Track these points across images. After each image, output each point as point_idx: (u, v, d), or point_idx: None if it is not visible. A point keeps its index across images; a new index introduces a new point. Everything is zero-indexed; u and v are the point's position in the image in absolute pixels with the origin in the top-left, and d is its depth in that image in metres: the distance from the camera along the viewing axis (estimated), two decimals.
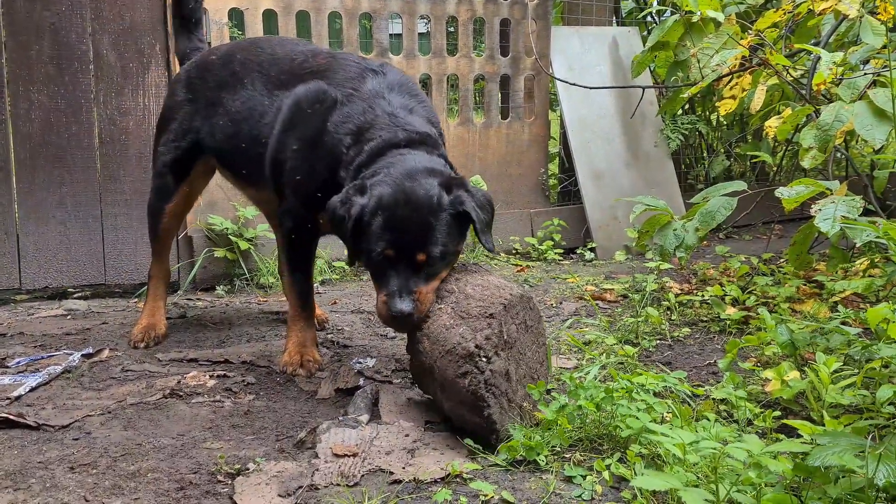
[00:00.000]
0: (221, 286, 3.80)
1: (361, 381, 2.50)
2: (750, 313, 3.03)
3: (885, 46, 3.01)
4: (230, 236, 3.77)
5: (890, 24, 3.04)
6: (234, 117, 2.71)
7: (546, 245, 4.51)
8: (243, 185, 2.94)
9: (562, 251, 4.57)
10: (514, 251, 4.57)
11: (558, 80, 4.63)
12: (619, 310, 3.32)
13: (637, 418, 1.76)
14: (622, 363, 2.55)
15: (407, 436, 2.08)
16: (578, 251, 4.62)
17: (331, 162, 2.42)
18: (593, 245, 4.56)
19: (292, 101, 2.54)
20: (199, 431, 2.15)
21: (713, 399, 2.13)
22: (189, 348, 2.88)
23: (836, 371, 1.91)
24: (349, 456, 1.95)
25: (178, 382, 2.48)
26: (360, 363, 2.68)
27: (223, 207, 3.84)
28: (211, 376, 2.56)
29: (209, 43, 3.68)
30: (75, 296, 3.68)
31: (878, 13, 3.01)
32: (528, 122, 4.67)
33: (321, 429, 2.09)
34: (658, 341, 2.92)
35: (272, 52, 2.75)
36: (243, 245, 3.76)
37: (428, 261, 2.12)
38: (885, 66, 2.85)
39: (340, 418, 2.18)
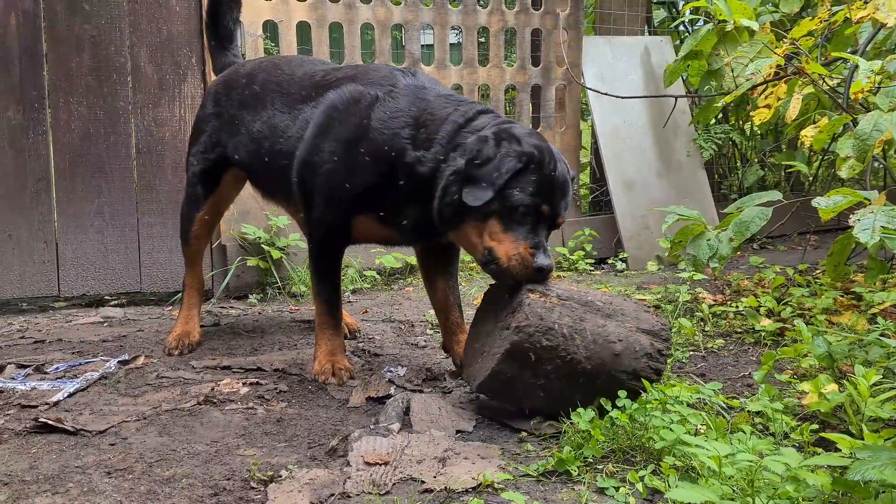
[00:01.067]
0: (254, 294, 3.84)
1: (392, 390, 2.50)
2: (785, 325, 2.98)
3: None
4: (263, 245, 3.81)
5: None
6: (255, 136, 2.74)
7: (577, 255, 4.49)
8: (270, 199, 2.99)
9: (593, 261, 4.54)
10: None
11: (590, 89, 4.62)
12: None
13: (671, 430, 1.74)
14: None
15: (438, 445, 2.07)
16: (609, 261, 4.59)
17: (382, 160, 2.39)
18: (625, 255, 4.53)
19: (326, 106, 2.53)
20: (232, 438, 2.17)
21: (749, 411, 2.10)
22: (222, 356, 2.91)
23: (875, 384, 1.88)
24: (380, 464, 1.96)
25: (212, 389, 2.51)
26: (391, 371, 2.69)
27: (256, 216, 3.88)
28: (244, 384, 2.58)
29: (243, 55, 3.74)
30: (112, 303, 3.75)
31: None
32: (559, 131, 4.66)
33: (353, 437, 2.10)
34: (692, 352, 2.89)
35: (291, 71, 2.79)
36: (276, 254, 3.80)
37: (558, 224, 2.26)
38: None
39: (372, 427, 2.18)
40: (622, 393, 2.07)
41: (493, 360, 2.17)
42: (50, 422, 2.21)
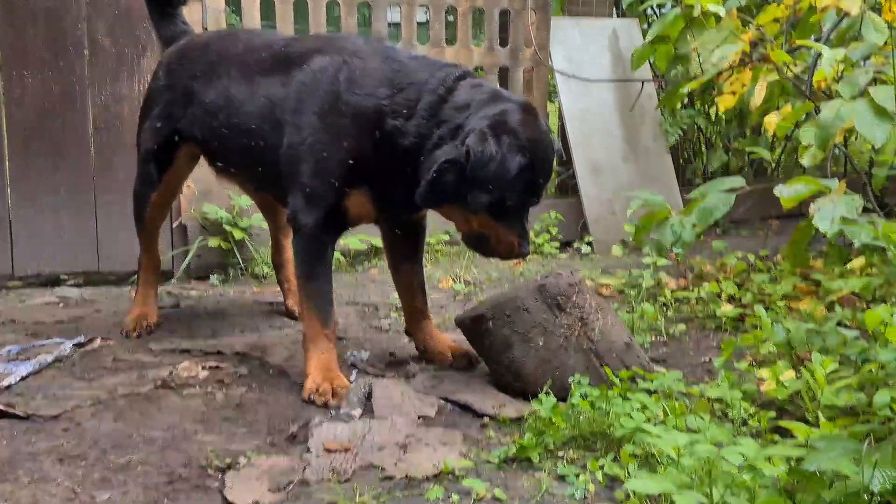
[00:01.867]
0: (216, 275, 3.78)
1: (355, 375, 2.48)
2: (746, 311, 3.02)
3: (886, 44, 2.99)
4: (225, 225, 3.75)
5: (893, 23, 3.02)
6: (210, 108, 2.61)
7: (543, 238, 4.48)
8: (227, 176, 2.86)
9: (559, 245, 4.54)
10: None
11: (557, 72, 4.60)
12: (615, 305, 3.30)
13: (631, 418, 1.75)
14: None
15: (400, 431, 2.06)
16: (575, 245, 4.60)
17: (363, 123, 2.26)
18: (590, 239, 4.54)
19: (296, 86, 2.39)
20: (190, 424, 2.14)
21: (709, 398, 2.12)
22: (182, 339, 2.86)
23: (832, 372, 1.90)
24: (341, 451, 1.94)
25: (170, 373, 2.46)
26: (353, 356, 2.66)
27: (218, 196, 3.81)
28: (203, 367, 2.53)
29: (205, 28, 3.65)
30: (68, 283, 3.65)
31: (883, 11, 2.98)
32: None
33: (313, 423, 2.08)
34: (654, 338, 2.91)
35: (249, 41, 2.68)
36: (238, 234, 3.74)
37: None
38: (886, 64, 2.83)
39: (333, 413, 2.16)
40: (584, 379, 2.08)
41: (515, 291, 2.33)
42: (0, 407, 2.15)
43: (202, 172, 3.10)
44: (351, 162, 2.29)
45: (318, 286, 2.38)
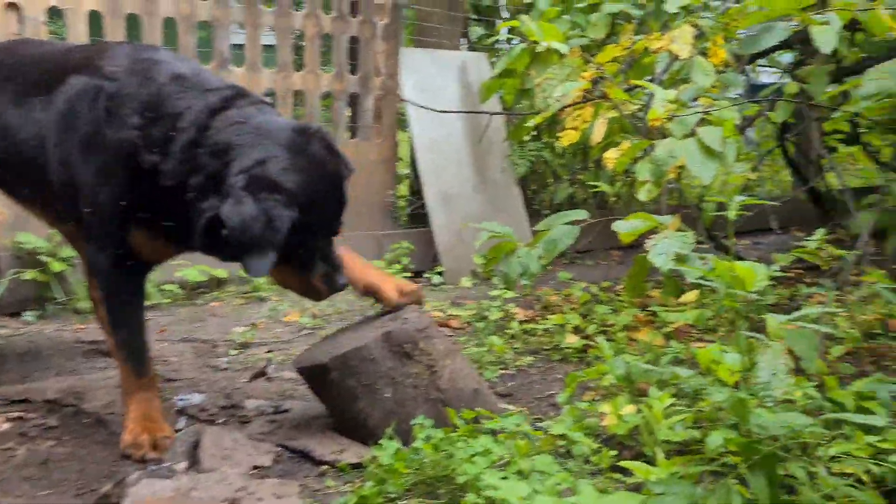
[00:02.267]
0: (31, 311, 3.41)
1: (183, 422, 2.28)
2: (590, 341, 3.06)
3: (714, 86, 3.16)
4: (43, 256, 3.40)
5: (720, 67, 3.20)
6: None
7: (395, 269, 4.41)
8: (22, 205, 2.55)
9: (410, 275, 4.49)
10: None
11: (407, 101, 4.58)
12: (463, 338, 3.27)
13: (474, 463, 1.68)
14: None
15: (230, 484, 1.89)
16: (426, 275, 4.57)
17: (122, 160, 1.99)
18: (442, 269, 4.52)
19: (55, 115, 2.11)
20: None
21: (552, 435, 2.10)
22: None
23: (668, 406, 1.93)
24: None
25: None
26: (183, 400, 2.45)
27: (34, 224, 3.45)
28: (7, 419, 2.25)
29: None
30: None
31: (710, 55, 3.16)
32: (376, 142, 4.57)
33: (130, 480, 1.86)
34: (501, 371, 2.89)
35: (24, 54, 2.38)
36: (57, 266, 3.40)
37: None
38: (713, 105, 2.99)
39: (153, 467, 1.96)
40: (428, 421, 2.00)
41: (362, 340, 2.14)
42: None
43: None
44: (123, 202, 2.03)
45: (127, 332, 2.16)
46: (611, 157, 3.09)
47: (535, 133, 5.31)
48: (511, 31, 4.85)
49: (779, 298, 3.32)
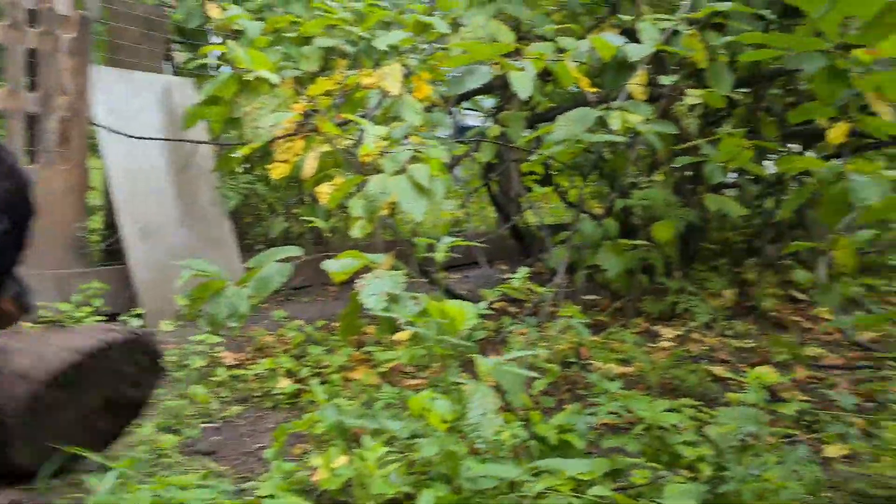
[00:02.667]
0: None
1: None
2: (304, 385, 2.91)
3: (422, 125, 3.22)
4: None
5: (426, 103, 3.27)
6: None
7: (84, 311, 3.89)
8: None
9: (105, 318, 3.99)
10: (41, 320, 3.85)
11: (99, 126, 4.11)
12: (161, 390, 2.93)
13: None
14: (158, 459, 2.19)
15: None
16: (122, 318, 4.09)
17: None
18: (140, 311, 4.08)
19: None
20: None
21: (259, 497, 1.90)
22: None
23: (382, 456, 1.83)
24: None
25: None
26: None
27: None
28: None
29: None
30: None
31: (414, 91, 3.21)
32: (62, 168, 4.03)
33: None
34: (204, 425, 2.62)
35: None
36: None
37: None
38: (423, 144, 3.03)
39: None
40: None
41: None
42: None
43: None
44: None
45: None
46: (324, 191, 3.00)
47: (247, 165, 5.09)
48: (221, 56, 4.59)
49: (487, 333, 3.44)
